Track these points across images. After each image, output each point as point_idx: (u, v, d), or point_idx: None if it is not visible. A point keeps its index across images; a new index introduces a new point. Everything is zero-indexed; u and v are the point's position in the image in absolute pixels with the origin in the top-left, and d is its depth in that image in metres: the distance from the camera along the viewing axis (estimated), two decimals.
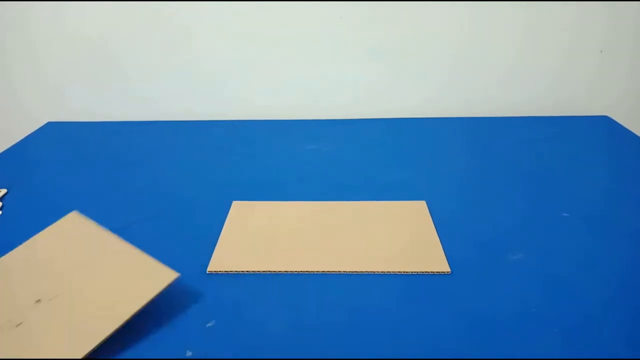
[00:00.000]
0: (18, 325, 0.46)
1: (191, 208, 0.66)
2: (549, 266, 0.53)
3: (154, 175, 0.76)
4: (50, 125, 0.98)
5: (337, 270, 0.53)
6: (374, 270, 0.53)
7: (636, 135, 0.86)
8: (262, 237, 0.59)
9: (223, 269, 0.53)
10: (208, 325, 0.46)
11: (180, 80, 0.96)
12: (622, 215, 0.62)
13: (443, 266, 0.53)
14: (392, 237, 0.58)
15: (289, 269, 0.53)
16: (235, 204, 0.66)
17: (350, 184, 0.72)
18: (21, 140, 0.91)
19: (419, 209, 0.64)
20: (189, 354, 0.43)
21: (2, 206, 0.68)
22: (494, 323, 0.46)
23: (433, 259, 0.54)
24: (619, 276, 0.51)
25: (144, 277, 0.49)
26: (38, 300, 0.48)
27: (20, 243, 0.60)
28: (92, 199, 0.69)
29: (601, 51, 0.91)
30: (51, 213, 0.66)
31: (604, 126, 0.91)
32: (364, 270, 0.53)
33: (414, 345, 0.44)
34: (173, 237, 0.60)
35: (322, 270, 0.53)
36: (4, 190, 0.71)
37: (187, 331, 0.46)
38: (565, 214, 0.62)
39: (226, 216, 0.63)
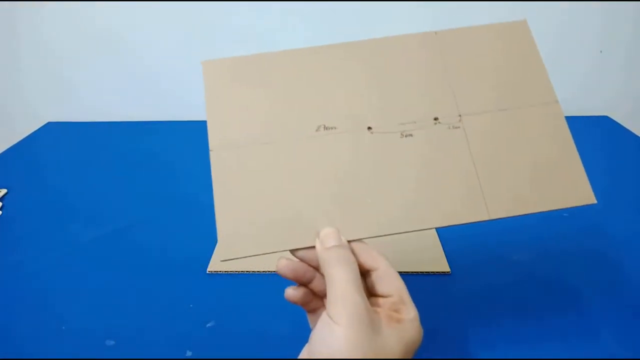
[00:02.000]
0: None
1: (191, 208, 0.66)
2: (549, 266, 0.53)
3: (155, 175, 0.76)
4: (50, 125, 0.98)
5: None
6: None
7: (636, 136, 0.86)
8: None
9: (223, 269, 0.53)
10: (208, 325, 0.46)
11: (180, 80, 0.96)
12: (622, 215, 0.62)
13: (443, 266, 0.53)
14: (392, 237, 0.58)
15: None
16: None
17: None
18: (21, 140, 0.91)
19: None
20: (189, 354, 0.43)
21: (2, 206, 0.68)
22: (493, 323, 0.46)
23: (433, 259, 0.54)
24: (620, 276, 0.51)
25: (557, 173, 0.35)
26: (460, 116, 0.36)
27: (20, 243, 0.60)
28: (93, 199, 0.69)
29: (601, 51, 0.91)
30: (51, 213, 0.66)
31: (603, 126, 0.91)
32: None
33: None
34: (173, 237, 0.60)
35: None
36: (4, 190, 0.71)
37: (187, 331, 0.46)
38: (565, 214, 0.62)
39: None
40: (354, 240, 0.33)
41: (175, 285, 0.52)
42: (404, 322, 0.29)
